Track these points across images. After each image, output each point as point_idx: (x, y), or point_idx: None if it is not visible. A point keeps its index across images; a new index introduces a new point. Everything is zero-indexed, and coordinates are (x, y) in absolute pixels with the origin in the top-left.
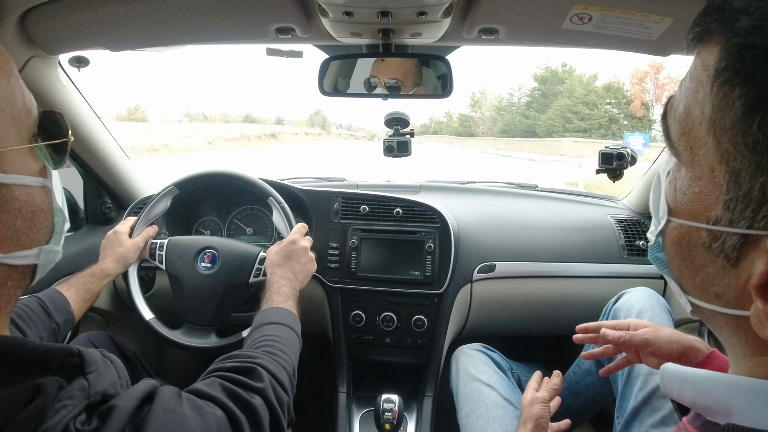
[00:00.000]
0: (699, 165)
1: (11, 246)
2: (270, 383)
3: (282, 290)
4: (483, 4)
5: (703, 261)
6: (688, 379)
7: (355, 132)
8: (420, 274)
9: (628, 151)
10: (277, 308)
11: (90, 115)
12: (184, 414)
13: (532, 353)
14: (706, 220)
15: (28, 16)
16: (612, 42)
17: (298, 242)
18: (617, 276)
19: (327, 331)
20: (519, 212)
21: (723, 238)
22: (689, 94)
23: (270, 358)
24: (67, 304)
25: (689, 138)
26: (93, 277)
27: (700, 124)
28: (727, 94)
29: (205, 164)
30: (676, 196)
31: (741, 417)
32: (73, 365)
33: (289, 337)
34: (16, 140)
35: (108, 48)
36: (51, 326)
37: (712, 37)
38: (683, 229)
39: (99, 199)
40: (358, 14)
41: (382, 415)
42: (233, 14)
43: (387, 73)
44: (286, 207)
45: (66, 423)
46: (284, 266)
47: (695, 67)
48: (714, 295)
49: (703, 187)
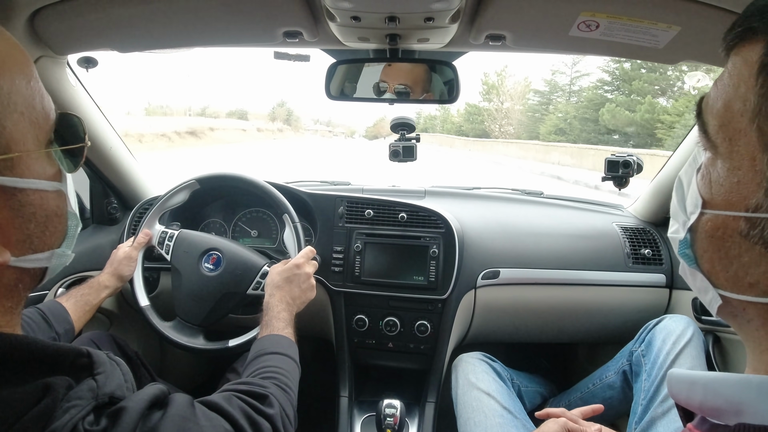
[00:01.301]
0: (738, 155)
1: (24, 249)
2: (280, 412)
3: (281, 315)
4: (490, 11)
5: (739, 250)
6: (698, 382)
7: (334, 128)
8: (424, 280)
9: (634, 159)
10: (279, 336)
11: (98, 115)
12: (198, 423)
13: (533, 363)
14: (745, 209)
15: (38, 15)
16: (619, 49)
17: (302, 267)
18: (622, 284)
19: (330, 334)
20: (524, 219)
21: (762, 224)
22: (728, 90)
23: (280, 390)
24: (67, 315)
25: (728, 130)
26: (91, 290)
27: (742, 116)
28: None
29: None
30: (712, 188)
31: (753, 415)
32: (82, 366)
33: (292, 369)
34: (33, 144)
35: (117, 49)
36: (51, 335)
37: (754, 35)
38: (719, 219)
39: (105, 199)
40: (366, 19)
41: (384, 420)
42: (242, 17)
43: (396, 78)
44: (299, 227)
45: (75, 423)
46: (284, 289)
47: (734, 64)
48: (748, 285)
49: (742, 176)
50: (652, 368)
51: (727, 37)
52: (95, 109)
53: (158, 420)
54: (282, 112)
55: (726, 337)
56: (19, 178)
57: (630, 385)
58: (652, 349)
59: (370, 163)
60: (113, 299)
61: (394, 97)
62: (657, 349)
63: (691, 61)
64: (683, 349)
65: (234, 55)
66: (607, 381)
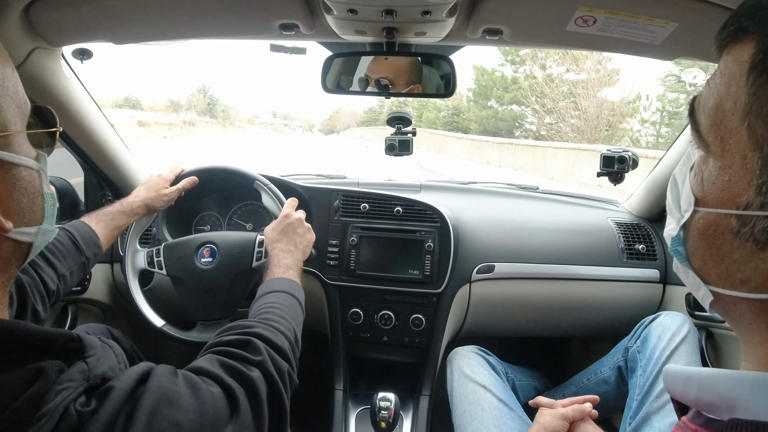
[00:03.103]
0: (730, 154)
1: (19, 222)
2: (267, 354)
3: (282, 262)
4: (487, 5)
5: (730, 247)
6: (692, 377)
7: (291, 122)
8: (419, 273)
9: (629, 154)
10: (277, 278)
11: (92, 107)
12: (177, 391)
13: (527, 357)
14: (736, 206)
15: (32, 7)
16: (616, 45)
17: (291, 215)
18: (616, 279)
19: (325, 328)
20: (519, 213)
21: (753, 222)
22: (720, 89)
23: (267, 325)
24: (96, 238)
25: (720, 129)
26: (122, 214)
27: (733, 115)
28: (764, 84)
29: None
30: (704, 186)
31: (746, 411)
32: (72, 349)
33: (289, 302)
34: (21, 126)
35: (111, 41)
36: (81, 260)
37: (746, 35)
38: (711, 217)
39: (100, 191)
40: (363, 12)
41: (379, 413)
42: (238, 9)
43: (378, 72)
44: (273, 187)
45: (66, 405)
46: (282, 240)
47: (726, 64)
48: (739, 282)
49: (733, 174)
50: (648, 364)
51: (719, 36)
52: (90, 100)
53: (140, 394)
54: (199, 100)
55: (719, 332)
56: (14, 155)
57: (625, 381)
58: (647, 345)
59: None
60: (107, 292)
61: (376, 90)
62: (653, 346)
63: (688, 58)
64: (679, 346)
65: None
66: (602, 376)
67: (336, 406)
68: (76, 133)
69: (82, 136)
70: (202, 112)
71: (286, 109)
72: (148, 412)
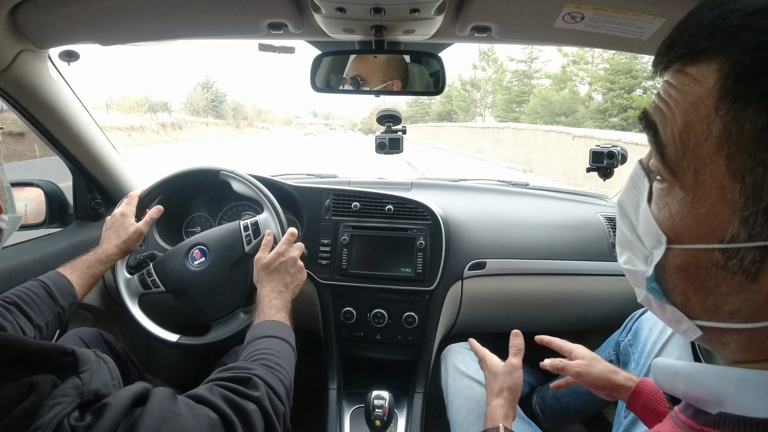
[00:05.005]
0: (704, 186)
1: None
2: (266, 392)
3: (273, 303)
4: (476, 2)
5: (717, 281)
6: (680, 373)
7: (332, 121)
8: (411, 271)
9: (618, 149)
10: (270, 321)
11: (80, 109)
12: (178, 413)
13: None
14: (718, 240)
15: (19, 9)
16: (604, 41)
17: (285, 254)
18: (606, 274)
19: (318, 327)
20: (510, 210)
21: (741, 254)
22: (687, 108)
23: (266, 370)
24: (72, 287)
25: (693, 157)
26: (98, 262)
27: (706, 141)
28: (741, 111)
29: None
30: (675, 221)
31: (732, 406)
32: (66, 364)
33: (284, 350)
34: None
35: (98, 42)
36: (56, 310)
37: (705, 56)
38: (689, 254)
39: (89, 194)
40: (351, 10)
41: (373, 412)
42: (225, 9)
43: (353, 70)
44: (239, 172)
45: (59, 420)
46: (273, 280)
47: (683, 82)
48: (727, 314)
49: (710, 207)
50: (640, 357)
51: (667, 54)
52: (77, 103)
53: (139, 414)
54: (198, 98)
55: None
56: None
57: None
58: (639, 338)
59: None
60: (99, 296)
61: (350, 88)
62: (644, 338)
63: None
64: (670, 338)
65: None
66: None
67: (330, 406)
68: (64, 135)
69: (69, 138)
70: (200, 111)
71: (328, 109)
72: (150, 431)
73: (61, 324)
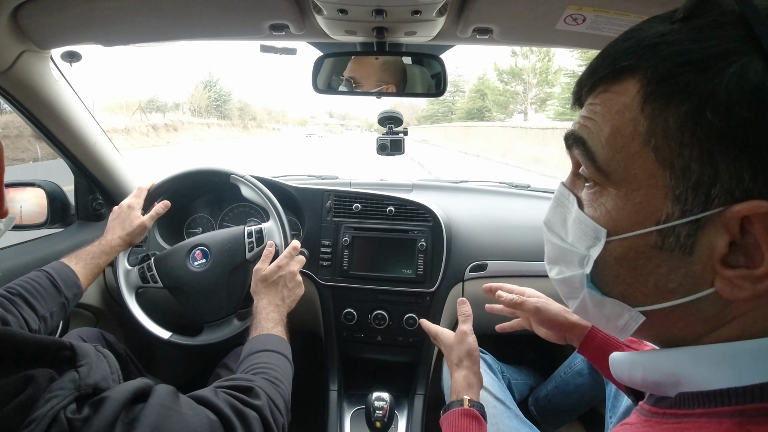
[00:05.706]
0: (636, 178)
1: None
2: (267, 403)
3: (270, 316)
4: (477, 4)
5: (657, 262)
6: (636, 361)
7: (348, 122)
8: (412, 273)
9: None
10: (268, 335)
11: (81, 110)
12: (180, 411)
13: (521, 354)
14: (655, 222)
15: (21, 10)
16: (605, 43)
17: (285, 267)
18: None
19: (318, 329)
20: (511, 212)
21: (676, 231)
22: (613, 117)
23: (267, 383)
24: (76, 278)
25: (622, 157)
26: (102, 253)
27: (634, 140)
28: (664, 107)
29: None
30: (612, 216)
31: (689, 384)
32: (64, 358)
33: (283, 364)
34: None
35: (101, 43)
36: (61, 301)
37: (629, 71)
38: (628, 242)
39: (90, 195)
40: (353, 12)
41: (373, 413)
42: (227, 10)
43: (349, 71)
44: (249, 178)
45: (56, 412)
46: (271, 293)
47: (608, 98)
48: (668, 292)
49: (644, 195)
50: None
51: (590, 80)
52: (79, 103)
53: (140, 410)
54: (199, 97)
55: None
56: None
57: (597, 370)
58: None
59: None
60: (99, 296)
61: (345, 89)
62: None
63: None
64: None
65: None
66: (576, 368)
67: (331, 407)
68: (66, 136)
69: (71, 139)
70: (202, 111)
71: (344, 109)
72: (150, 427)
73: (65, 314)
